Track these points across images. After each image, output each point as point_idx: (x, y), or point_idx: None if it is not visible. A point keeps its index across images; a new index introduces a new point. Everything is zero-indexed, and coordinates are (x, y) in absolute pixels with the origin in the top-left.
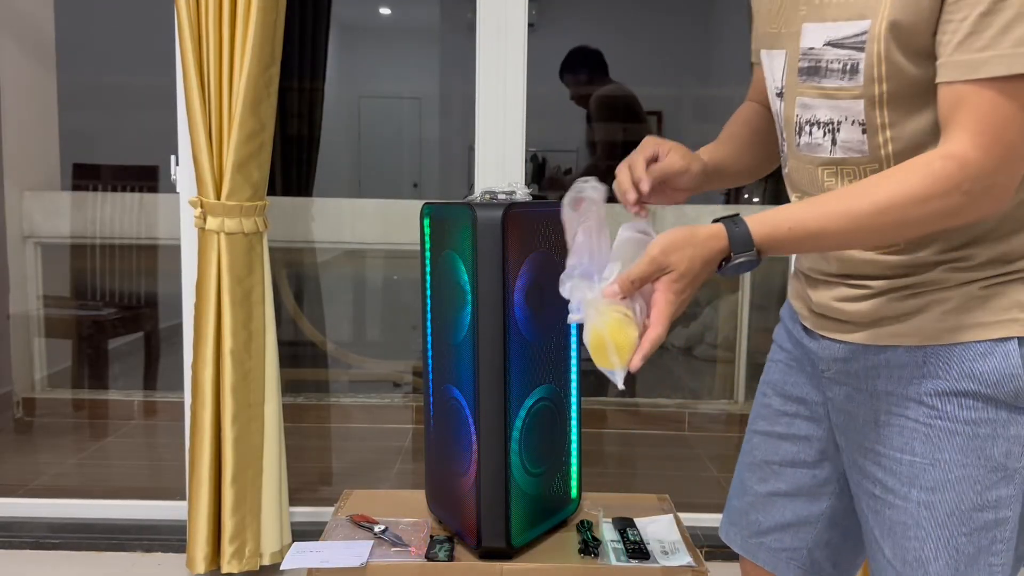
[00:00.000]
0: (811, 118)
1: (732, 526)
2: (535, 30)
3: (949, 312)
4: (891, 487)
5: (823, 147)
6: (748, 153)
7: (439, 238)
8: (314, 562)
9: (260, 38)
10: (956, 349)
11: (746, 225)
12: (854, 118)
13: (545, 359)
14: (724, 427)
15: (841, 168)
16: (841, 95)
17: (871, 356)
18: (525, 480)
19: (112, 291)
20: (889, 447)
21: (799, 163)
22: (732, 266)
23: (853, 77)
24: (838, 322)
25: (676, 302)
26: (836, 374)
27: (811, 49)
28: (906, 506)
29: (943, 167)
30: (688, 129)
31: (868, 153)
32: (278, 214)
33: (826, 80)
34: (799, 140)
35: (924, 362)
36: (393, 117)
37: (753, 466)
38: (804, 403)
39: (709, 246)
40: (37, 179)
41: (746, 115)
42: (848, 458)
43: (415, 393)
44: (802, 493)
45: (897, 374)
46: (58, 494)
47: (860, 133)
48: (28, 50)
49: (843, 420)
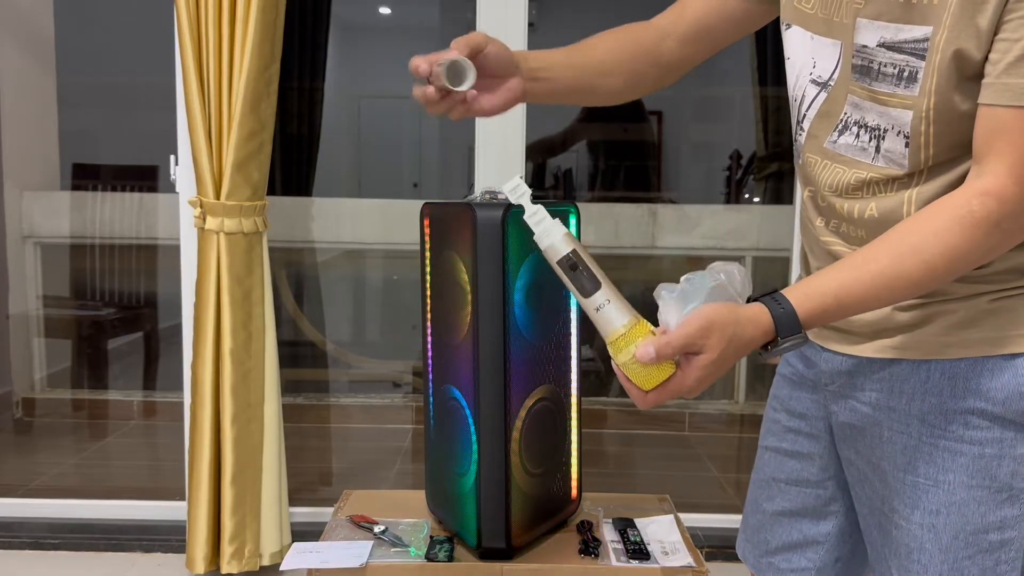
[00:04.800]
0: (860, 120)
1: (747, 543)
2: (535, 30)
3: (954, 325)
4: (896, 507)
5: (867, 152)
6: (598, 73)
7: (439, 238)
8: (314, 563)
9: (260, 38)
10: (962, 365)
11: (790, 303)
12: (900, 128)
13: (545, 359)
14: (724, 427)
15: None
16: (892, 102)
17: (876, 370)
18: (525, 480)
19: (112, 291)
20: (892, 466)
21: (822, 159)
22: (778, 350)
23: (909, 85)
24: (841, 333)
25: (697, 382)
26: (840, 388)
27: (864, 47)
28: (909, 528)
29: (982, 207)
30: (688, 129)
31: (907, 167)
32: (278, 214)
33: (877, 83)
34: (836, 137)
35: (928, 377)
36: (393, 117)
37: (762, 483)
38: (805, 419)
39: (750, 332)
40: (37, 179)
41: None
42: (857, 472)
43: (415, 393)
44: (807, 513)
45: (900, 389)
46: (58, 494)
47: (903, 146)
48: (28, 50)
49: (849, 435)
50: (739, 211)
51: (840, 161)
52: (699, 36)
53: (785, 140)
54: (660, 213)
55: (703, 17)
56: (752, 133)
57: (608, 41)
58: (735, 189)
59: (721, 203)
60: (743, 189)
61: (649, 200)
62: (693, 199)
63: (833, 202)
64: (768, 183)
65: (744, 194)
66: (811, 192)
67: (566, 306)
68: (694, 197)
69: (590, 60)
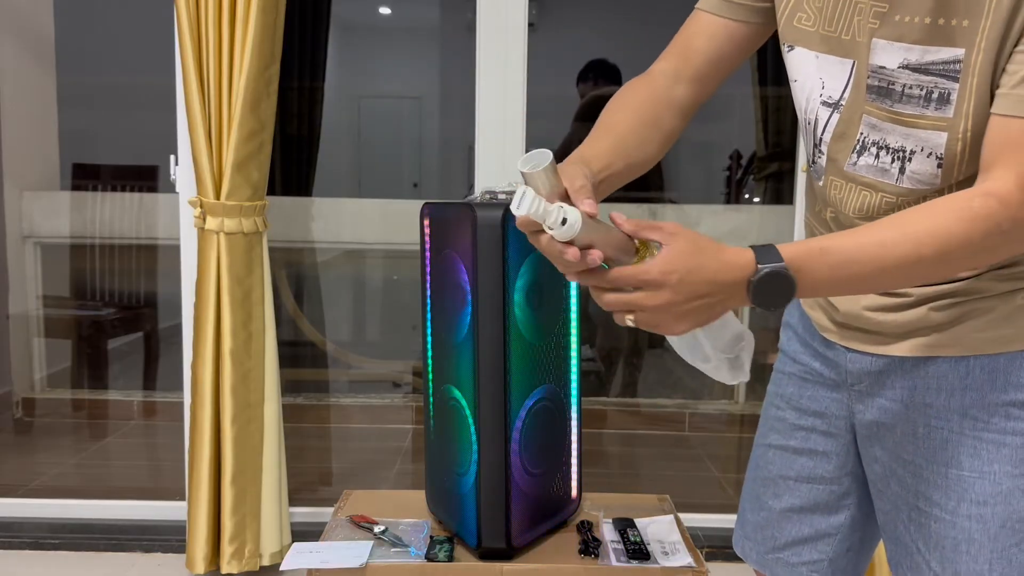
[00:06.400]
0: (880, 141)
1: (747, 540)
2: (535, 30)
3: (993, 321)
4: (937, 501)
5: (890, 174)
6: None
7: (439, 238)
8: (314, 563)
9: (260, 38)
10: (1002, 359)
11: (773, 245)
12: (931, 150)
13: (545, 359)
14: (724, 427)
15: (903, 200)
16: (922, 124)
17: (909, 368)
18: (525, 480)
19: (112, 291)
20: (932, 460)
21: (846, 182)
22: (761, 281)
23: (941, 107)
24: (869, 333)
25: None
26: (869, 387)
27: (882, 68)
28: (955, 520)
29: (983, 205)
30: (688, 129)
31: (939, 186)
32: (278, 214)
33: (901, 105)
34: (855, 159)
35: (968, 373)
36: (393, 117)
37: (767, 481)
38: (822, 417)
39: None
40: (37, 179)
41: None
42: (883, 469)
43: (415, 393)
44: (819, 508)
45: (937, 385)
46: (58, 494)
47: (935, 167)
48: (27, 50)
49: (876, 432)
50: (739, 211)
51: (863, 183)
52: (709, 71)
53: (785, 140)
54: (660, 213)
55: (710, 51)
56: (752, 133)
57: (629, 113)
58: (735, 189)
59: (721, 203)
60: (743, 189)
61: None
62: (693, 199)
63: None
64: (768, 183)
65: (744, 194)
66: (833, 213)
67: (566, 306)
68: (694, 197)
69: (628, 141)
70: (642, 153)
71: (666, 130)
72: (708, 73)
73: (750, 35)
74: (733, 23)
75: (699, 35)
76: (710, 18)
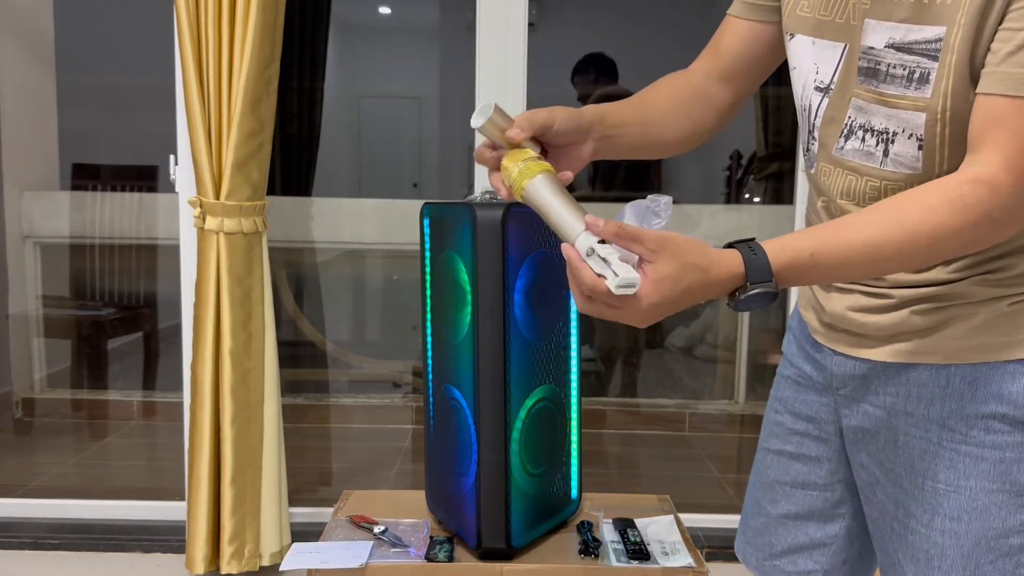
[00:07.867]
0: (866, 123)
1: (748, 545)
2: (535, 30)
3: (975, 329)
4: (914, 512)
5: (874, 157)
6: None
7: (439, 238)
8: (314, 563)
9: (259, 37)
10: (983, 369)
11: (764, 252)
12: (912, 131)
13: (545, 359)
14: (724, 427)
15: (889, 189)
16: (902, 104)
17: (892, 375)
18: (525, 480)
19: (111, 291)
20: (911, 471)
21: (834, 167)
22: (747, 298)
23: (920, 87)
24: (853, 335)
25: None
26: (853, 392)
27: (871, 49)
28: (929, 534)
29: (973, 192)
30: None
31: (921, 171)
32: (278, 214)
33: (885, 85)
34: (843, 144)
35: (948, 382)
36: (393, 117)
37: (765, 486)
38: (813, 422)
39: (717, 271)
40: (36, 179)
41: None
42: (869, 476)
43: (415, 393)
44: (814, 516)
45: (918, 394)
46: (57, 494)
47: (916, 149)
48: (27, 50)
49: (861, 439)
50: (739, 211)
51: (849, 168)
52: (739, 71)
53: (785, 140)
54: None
55: (737, 51)
56: (752, 133)
57: (665, 91)
58: (735, 189)
59: (721, 203)
60: (743, 189)
61: None
62: (693, 199)
63: (849, 211)
64: (768, 183)
65: (744, 194)
66: (824, 202)
67: (566, 306)
68: (694, 197)
69: (655, 114)
70: (662, 132)
71: (695, 119)
72: (738, 72)
73: (775, 34)
74: (756, 24)
75: (727, 37)
76: (736, 21)
